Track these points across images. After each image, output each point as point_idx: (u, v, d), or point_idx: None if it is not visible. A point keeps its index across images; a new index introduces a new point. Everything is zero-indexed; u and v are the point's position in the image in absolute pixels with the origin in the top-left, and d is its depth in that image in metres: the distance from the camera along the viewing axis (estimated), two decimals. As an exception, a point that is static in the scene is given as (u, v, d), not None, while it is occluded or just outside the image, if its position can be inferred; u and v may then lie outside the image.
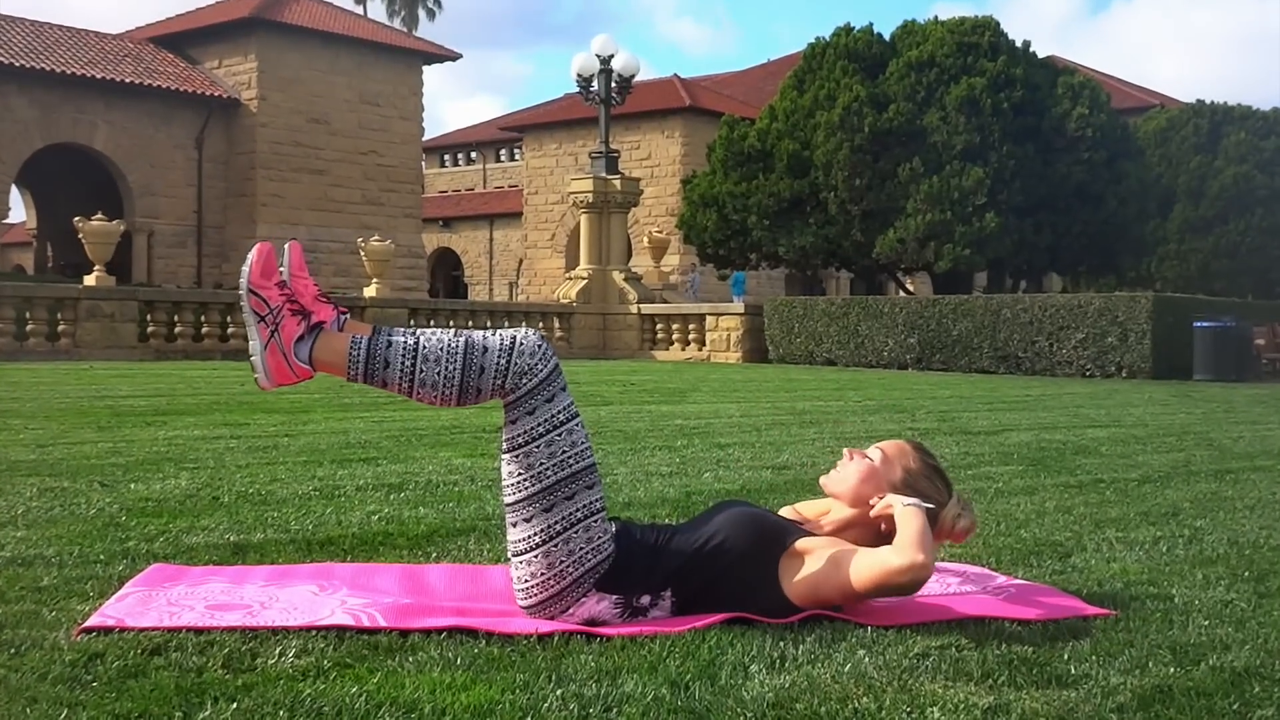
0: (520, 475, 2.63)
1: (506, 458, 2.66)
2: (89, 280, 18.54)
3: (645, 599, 2.64)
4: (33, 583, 2.85)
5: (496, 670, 2.22)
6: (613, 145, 25.77)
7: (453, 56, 39.92)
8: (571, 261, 33.17)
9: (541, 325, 23.57)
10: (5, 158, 31.45)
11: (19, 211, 38.25)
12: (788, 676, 2.21)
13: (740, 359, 22.62)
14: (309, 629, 2.45)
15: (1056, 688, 2.19)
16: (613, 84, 24.79)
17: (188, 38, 36.00)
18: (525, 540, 2.63)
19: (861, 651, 2.38)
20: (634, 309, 24.40)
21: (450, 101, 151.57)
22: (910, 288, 29.07)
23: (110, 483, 4.59)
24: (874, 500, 2.80)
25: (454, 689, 2.08)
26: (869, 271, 28.75)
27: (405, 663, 2.25)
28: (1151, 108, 40.25)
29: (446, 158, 59.79)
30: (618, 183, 24.71)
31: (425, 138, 41.51)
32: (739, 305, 24.08)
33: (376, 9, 61.21)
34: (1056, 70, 26.75)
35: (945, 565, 3.26)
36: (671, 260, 36.90)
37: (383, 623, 2.49)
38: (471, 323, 22.69)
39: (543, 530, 2.61)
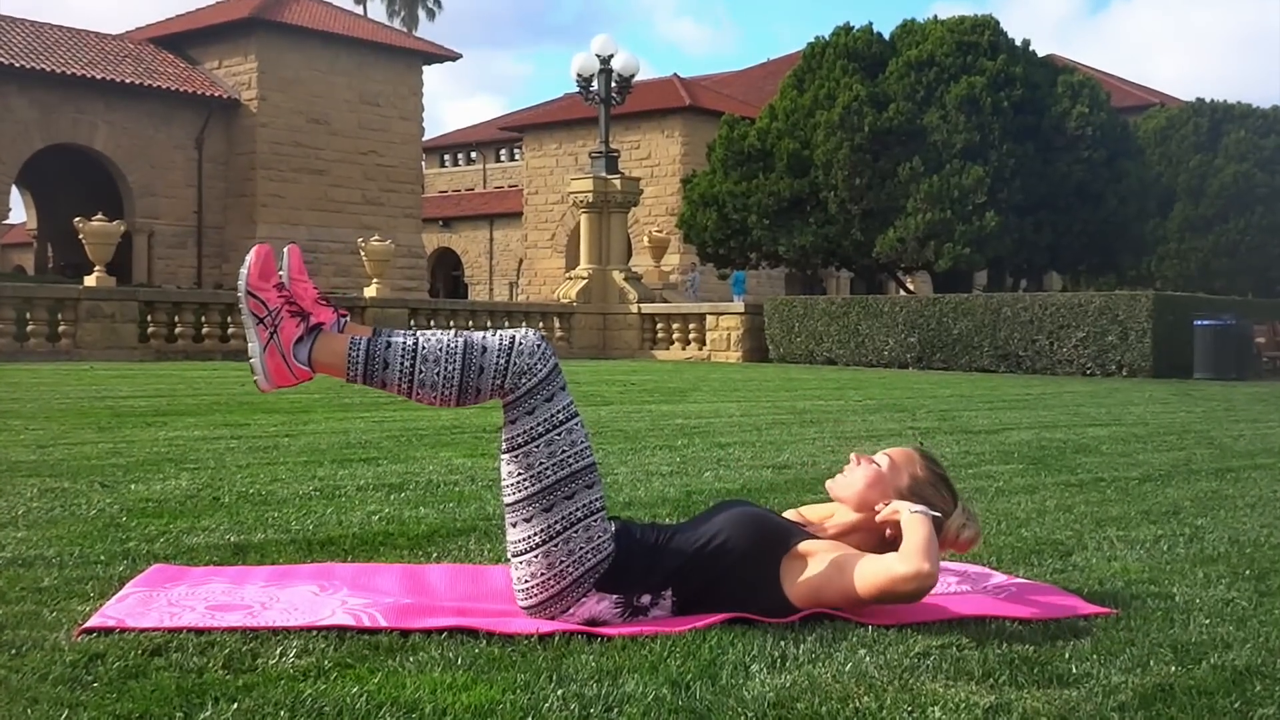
0: (520, 475, 2.63)
1: (506, 458, 2.66)
2: (89, 281, 18.55)
3: (645, 598, 2.64)
4: (33, 583, 2.85)
5: (497, 670, 2.22)
6: (613, 145, 25.79)
7: (453, 56, 39.93)
8: (571, 261, 33.18)
9: (542, 325, 23.57)
10: (5, 158, 31.46)
11: (19, 212, 38.27)
12: (789, 676, 2.21)
13: (740, 358, 22.63)
14: (310, 629, 2.45)
15: (1058, 687, 2.19)
16: (613, 84, 24.80)
17: (188, 38, 36.02)
18: (525, 540, 2.63)
19: (862, 651, 2.38)
20: (634, 309, 24.41)
21: (450, 101, 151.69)
22: (910, 287, 29.06)
23: (111, 483, 4.59)
24: (879, 506, 2.79)
25: (455, 689, 2.07)
26: (869, 271, 28.75)
27: (406, 663, 2.25)
28: (1151, 106, 40.26)
29: (446, 158, 59.80)
30: (618, 182, 24.71)
31: (425, 138, 41.52)
32: (739, 305, 24.08)
33: (376, 9, 61.30)
34: (1056, 69, 26.75)
35: (946, 565, 3.25)
36: (671, 260, 36.91)
37: (383, 623, 2.49)
38: (472, 323, 22.69)
39: (543, 530, 2.61)
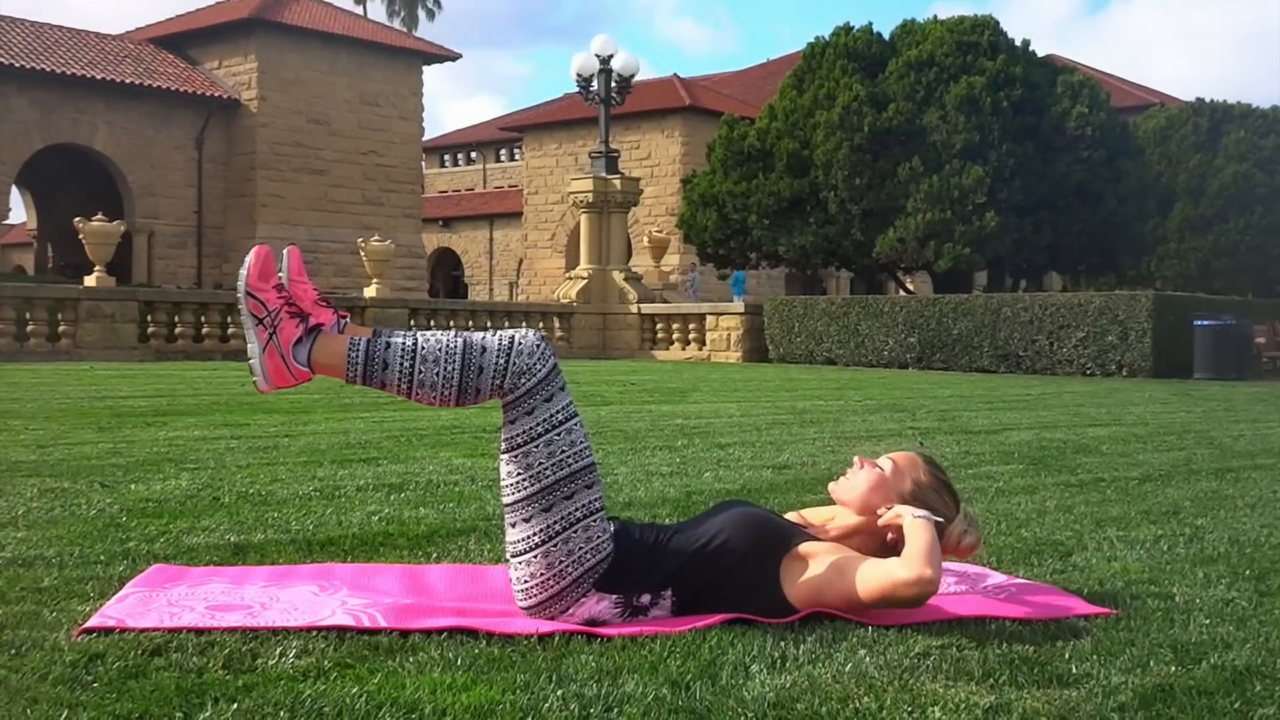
0: (519, 475, 2.62)
1: (505, 458, 2.65)
2: (89, 281, 18.55)
3: (645, 598, 2.64)
4: (33, 583, 2.85)
5: (497, 670, 2.22)
6: (613, 145, 25.78)
7: (452, 57, 39.93)
8: (571, 261, 33.18)
9: (542, 325, 23.57)
10: (5, 158, 31.46)
11: (19, 212, 38.27)
12: (789, 676, 2.21)
13: (740, 358, 22.63)
14: (309, 629, 2.45)
15: (1058, 687, 2.19)
16: (612, 84, 24.80)
17: (188, 38, 36.02)
18: (524, 540, 2.63)
19: (862, 651, 2.38)
20: (634, 309, 24.40)
21: (450, 101, 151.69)
22: (910, 287, 29.07)
23: (111, 483, 4.59)
24: (882, 510, 2.80)
25: (454, 689, 2.07)
26: (869, 271, 28.75)
27: (406, 663, 2.25)
28: (1151, 106, 40.26)
29: (446, 158, 59.80)
30: (618, 182, 24.71)
31: (425, 138, 41.52)
32: (739, 305, 24.08)
33: (376, 9, 61.31)
34: (1056, 69, 26.74)
35: (946, 565, 3.25)
36: (671, 260, 36.91)
37: (383, 623, 2.49)
38: (472, 323, 22.69)
39: (542, 530, 2.61)
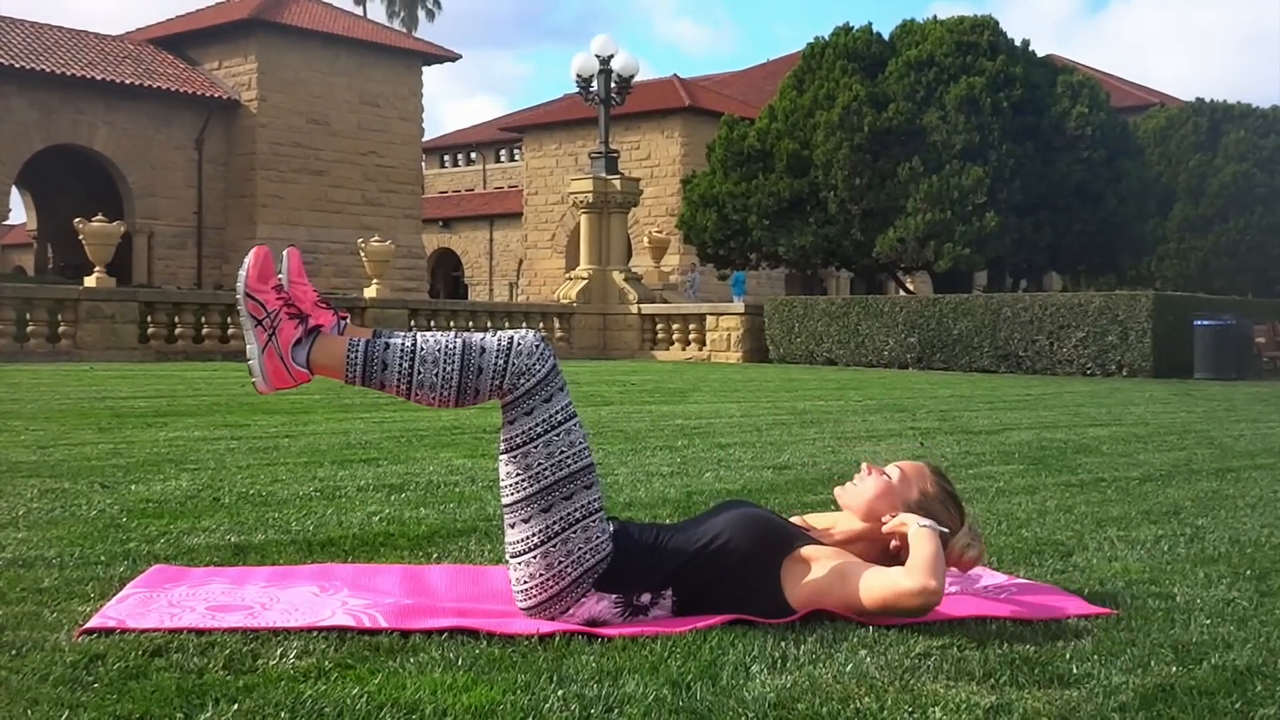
0: (518, 476, 2.62)
1: (504, 458, 2.65)
2: (89, 281, 18.55)
3: (645, 598, 2.64)
4: (34, 584, 2.85)
5: (498, 671, 2.22)
6: (612, 145, 25.79)
7: (452, 57, 39.92)
8: (571, 262, 33.18)
9: (542, 325, 23.58)
10: (5, 159, 31.46)
11: (19, 213, 38.29)
12: (789, 677, 2.21)
13: (740, 359, 22.63)
14: (310, 630, 2.45)
15: (1058, 687, 2.19)
16: (612, 84, 24.80)
17: (187, 39, 36.03)
18: (524, 541, 2.63)
19: (863, 651, 2.38)
20: (634, 309, 24.40)
21: (450, 102, 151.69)
22: (910, 287, 29.07)
23: (111, 484, 4.59)
24: (886, 517, 2.80)
25: (455, 690, 2.07)
26: (869, 271, 28.75)
27: (406, 664, 2.25)
28: (1151, 106, 40.26)
29: (446, 158, 59.81)
30: (617, 183, 24.72)
31: (425, 138, 41.53)
32: (739, 305, 24.08)
33: (376, 10, 61.32)
34: (1056, 69, 26.75)
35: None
36: (671, 260, 36.90)
37: (384, 624, 2.49)
38: (472, 323, 22.69)
39: (541, 531, 2.61)
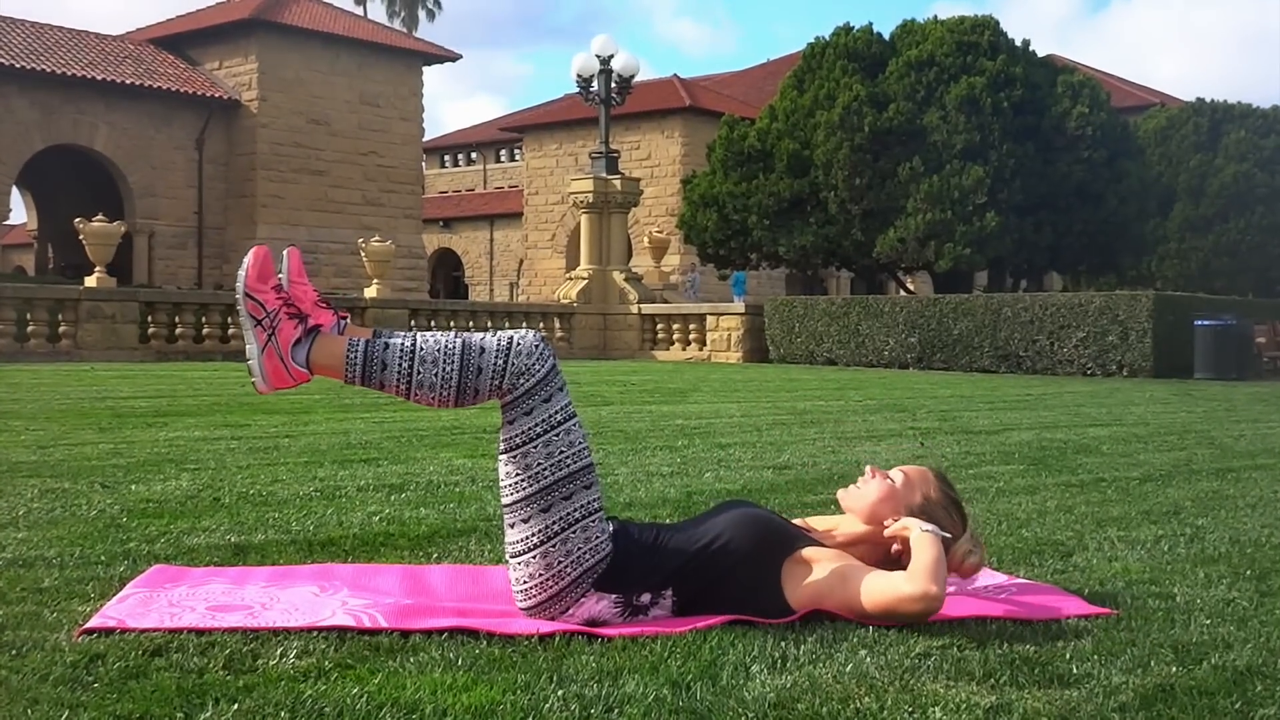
0: (518, 476, 2.62)
1: (504, 458, 2.65)
2: (90, 281, 18.55)
3: (645, 598, 2.64)
4: (34, 584, 2.85)
5: (498, 671, 2.22)
6: (613, 145, 25.78)
7: (453, 57, 39.92)
8: (572, 262, 33.17)
9: (542, 325, 23.58)
10: (6, 159, 31.47)
11: (20, 213, 38.29)
12: (789, 677, 2.21)
13: (741, 359, 22.62)
14: (310, 630, 2.45)
15: (1058, 687, 2.19)
16: (613, 84, 24.80)
17: (188, 39, 36.04)
18: (523, 541, 2.63)
19: (863, 651, 2.38)
20: (634, 309, 24.40)
21: (450, 102, 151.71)
22: (911, 287, 29.07)
23: (111, 484, 4.59)
24: (889, 521, 2.80)
25: (455, 690, 2.07)
26: (869, 271, 28.75)
27: (406, 663, 2.25)
28: (1151, 106, 40.26)
29: (446, 158, 59.81)
30: (618, 183, 24.72)
31: (425, 138, 41.52)
32: (739, 305, 24.08)
33: (376, 10, 61.32)
34: (1056, 69, 26.74)
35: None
36: (672, 260, 36.90)
37: (384, 623, 2.49)
38: (472, 323, 22.69)
39: (540, 531, 2.61)
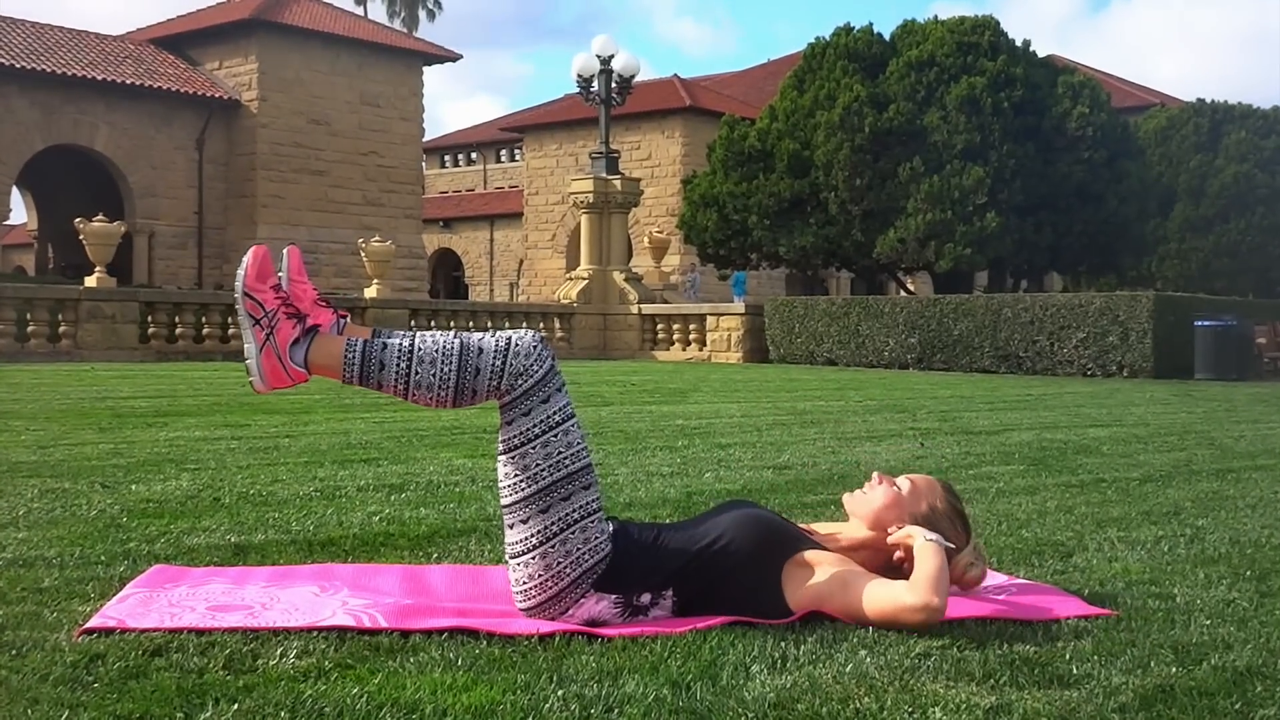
0: (517, 477, 2.62)
1: (503, 459, 2.65)
2: (90, 281, 18.55)
3: (645, 597, 2.63)
4: (34, 584, 2.85)
5: (498, 671, 2.22)
6: (613, 145, 25.78)
7: (453, 57, 39.92)
8: (572, 262, 33.17)
9: (542, 325, 23.58)
10: (6, 159, 31.47)
11: (20, 213, 38.29)
12: (789, 677, 2.21)
13: (741, 359, 22.62)
14: (310, 630, 2.45)
15: (1058, 688, 2.19)
16: (613, 84, 24.80)
17: (188, 39, 36.04)
18: (523, 542, 2.63)
19: (863, 652, 2.38)
20: (634, 309, 24.40)
21: (450, 102, 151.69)
22: (911, 287, 29.07)
23: (111, 484, 4.60)
24: (893, 528, 2.80)
25: (455, 690, 2.07)
26: (870, 271, 28.75)
27: (406, 663, 2.25)
28: (1152, 107, 40.25)
29: (447, 158, 59.81)
30: (618, 183, 24.71)
31: (425, 138, 41.52)
32: (739, 305, 24.07)
33: (377, 10, 61.30)
34: (1057, 69, 26.74)
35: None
36: (672, 260, 36.89)
37: (384, 623, 2.49)
38: (472, 323, 22.69)
39: (540, 532, 2.61)
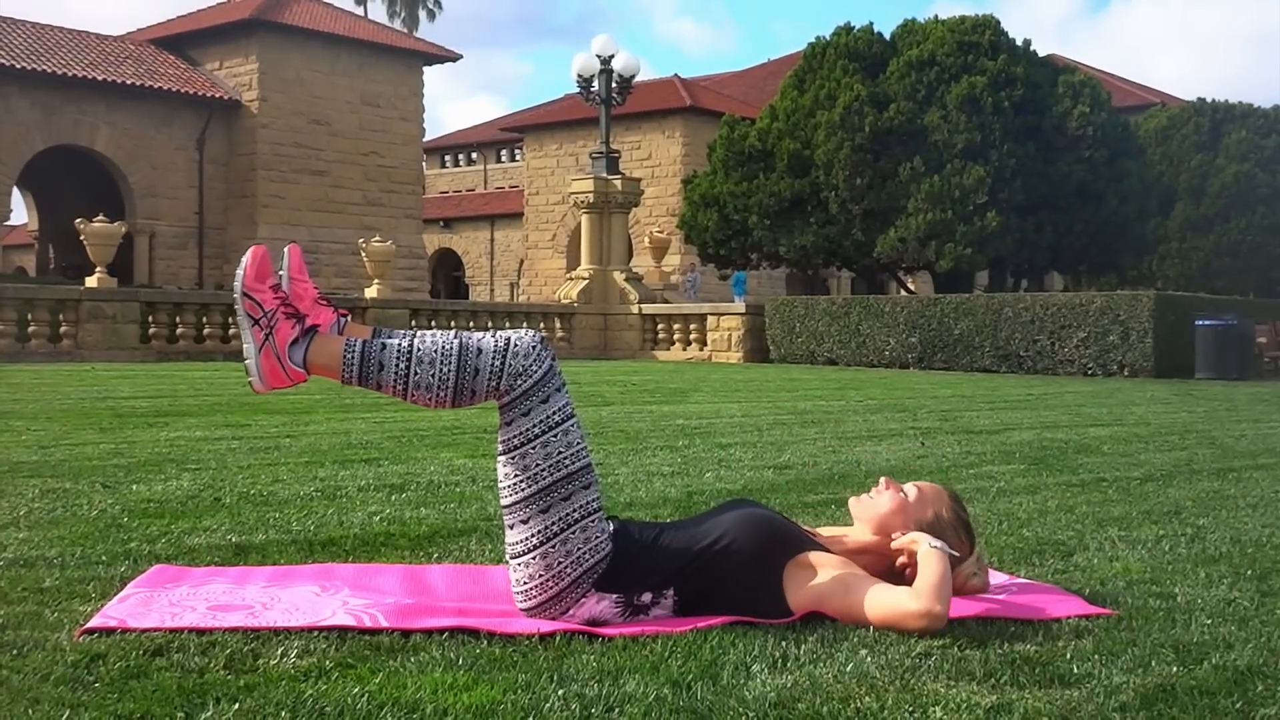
0: (517, 477, 2.62)
1: (503, 459, 2.65)
2: (90, 282, 18.55)
3: (646, 597, 2.63)
4: (35, 584, 2.85)
5: (498, 670, 2.22)
6: (613, 145, 25.78)
7: (453, 57, 39.92)
8: (572, 262, 33.16)
9: (543, 325, 23.58)
10: (7, 159, 31.47)
11: (20, 213, 38.31)
12: (790, 676, 2.21)
13: (741, 359, 22.62)
14: (311, 629, 2.45)
15: (1059, 687, 2.19)
16: (613, 84, 24.79)
17: (189, 39, 36.04)
18: (523, 542, 2.62)
19: (864, 651, 2.37)
20: (635, 309, 24.40)
21: (451, 102, 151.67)
22: (912, 287, 29.06)
23: (112, 484, 4.60)
24: (897, 533, 2.80)
25: (456, 689, 2.07)
26: (870, 271, 28.74)
27: (407, 663, 2.25)
28: (1152, 106, 40.24)
29: (447, 158, 59.81)
30: (618, 183, 24.71)
31: (426, 138, 41.53)
32: (740, 305, 24.07)
33: (377, 10, 61.29)
34: (1057, 69, 26.74)
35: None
36: (672, 260, 36.89)
37: (384, 623, 2.49)
38: (472, 323, 22.69)
39: (540, 532, 2.60)
